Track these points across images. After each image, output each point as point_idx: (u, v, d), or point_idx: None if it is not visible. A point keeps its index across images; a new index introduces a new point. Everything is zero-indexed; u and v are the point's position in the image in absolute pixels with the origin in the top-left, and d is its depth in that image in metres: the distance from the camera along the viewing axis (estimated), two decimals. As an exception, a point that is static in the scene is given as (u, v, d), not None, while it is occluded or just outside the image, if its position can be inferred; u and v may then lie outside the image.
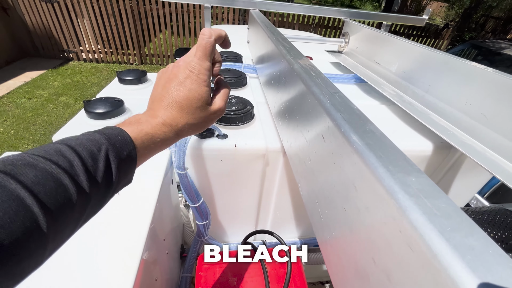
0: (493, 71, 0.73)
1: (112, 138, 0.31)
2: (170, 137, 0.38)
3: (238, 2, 1.41)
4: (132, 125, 0.35)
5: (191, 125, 0.39)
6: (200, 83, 0.38)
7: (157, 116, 0.37)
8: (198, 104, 0.38)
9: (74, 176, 0.26)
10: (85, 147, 0.29)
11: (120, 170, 0.32)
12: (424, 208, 0.22)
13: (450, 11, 16.81)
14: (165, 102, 0.38)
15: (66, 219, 0.25)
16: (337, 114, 0.36)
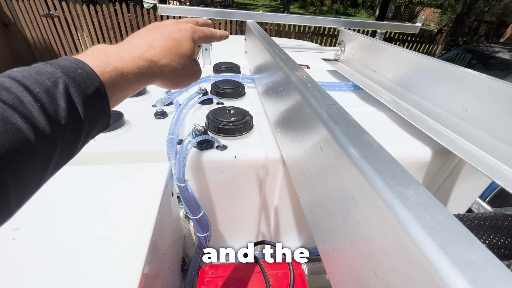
0: (487, 77, 0.74)
1: (70, 71, 0.25)
2: (145, 73, 0.33)
3: (235, 14, 1.44)
4: (96, 56, 0.29)
5: (173, 68, 0.36)
6: (192, 37, 0.39)
7: (134, 47, 0.33)
8: (186, 51, 0.38)
9: (27, 115, 0.21)
10: (35, 80, 0.23)
11: (89, 110, 0.27)
12: (423, 222, 0.22)
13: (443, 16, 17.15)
14: (150, 37, 0.35)
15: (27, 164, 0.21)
16: (335, 126, 0.36)
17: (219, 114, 0.82)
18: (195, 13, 1.39)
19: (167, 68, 0.36)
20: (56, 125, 0.23)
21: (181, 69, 0.38)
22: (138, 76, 0.32)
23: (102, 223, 0.61)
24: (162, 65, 0.35)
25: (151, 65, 0.33)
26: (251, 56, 1.41)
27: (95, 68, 0.28)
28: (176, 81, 0.39)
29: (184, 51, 0.38)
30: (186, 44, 0.38)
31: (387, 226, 0.25)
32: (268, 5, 26.47)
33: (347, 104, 1.13)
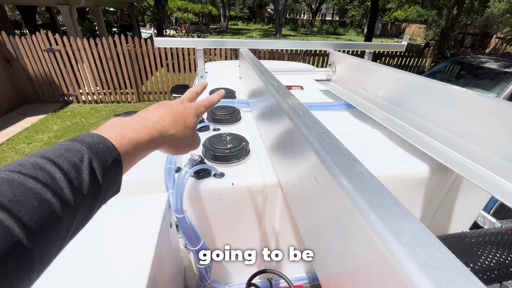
0: (474, 93, 0.76)
1: (94, 147, 0.30)
2: (155, 140, 0.37)
3: (228, 43, 1.50)
4: (115, 130, 0.33)
5: (177, 137, 0.42)
6: (195, 112, 0.46)
7: (147, 120, 0.38)
8: (190, 124, 0.44)
9: (57, 190, 0.25)
10: (65, 158, 0.27)
11: (107, 179, 0.30)
12: (419, 259, 0.21)
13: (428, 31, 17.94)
14: (161, 111, 0.41)
15: (52, 237, 0.24)
16: (326, 156, 0.37)
17: (216, 141, 0.83)
18: (189, 44, 1.45)
19: (173, 137, 0.41)
20: (79, 196, 0.27)
21: (184, 138, 0.44)
22: (149, 144, 0.37)
23: (98, 260, 0.60)
24: (169, 134, 0.40)
25: (160, 134, 0.39)
26: (245, 81, 1.45)
27: (114, 141, 0.32)
28: (178, 148, 0.44)
29: (189, 124, 0.44)
30: (190, 118, 0.45)
31: (383, 263, 0.24)
32: (261, 29, 27.69)
33: (341, 123, 1.15)
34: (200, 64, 1.54)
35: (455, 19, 9.51)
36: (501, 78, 3.79)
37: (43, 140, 4.24)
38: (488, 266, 0.54)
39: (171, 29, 18.65)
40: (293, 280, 0.98)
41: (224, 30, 23.35)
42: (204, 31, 19.86)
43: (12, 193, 0.22)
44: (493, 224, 1.11)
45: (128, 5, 9.87)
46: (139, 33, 11.13)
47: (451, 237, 0.62)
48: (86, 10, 12.15)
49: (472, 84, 4.08)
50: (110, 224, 0.68)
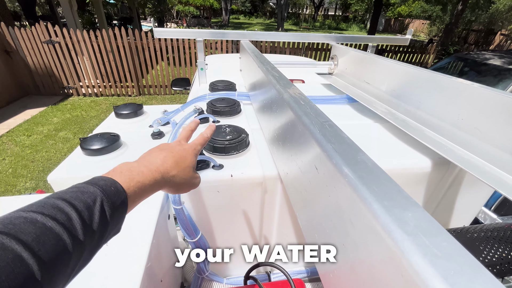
0: (480, 86, 0.75)
1: (106, 190, 0.33)
2: (158, 182, 0.41)
3: (229, 34, 1.48)
4: (124, 174, 0.37)
5: (178, 178, 0.45)
6: (194, 153, 0.50)
7: (151, 163, 0.41)
8: (189, 164, 0.48)
9: (72, 230, 0.27)
10: (81, 200, 0.30)
11: (113, 220, 0.33)
12: (424, 249, 0.20)
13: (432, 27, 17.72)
14: (163, 155, 0.44)
15: (61, 272, 0.26)
16: (328, 145, 0.35)
17: (215, 133, 0.82)
18: (190, 35, 1.42)
19: (175, 178, 0.44)
20: (89, 235, 0.29)
21: (185, 178, 0.47)
22: (153, 185, 0.40)
23: (95, 251, 0.59)
24: (171, 176, 0.44)
25: (163, 176, 0.42)
26: (246, 73, 1.43)
27: (123, 184, 0.35)
28: (179, 188, 0.47)
29: (188, 164, 0.48)
30: (189, 158, 0.48)
31: (386, 254, 0.23)
32: (262, 23, 27.40)
33: (343, 117, 1.14)
34: (201, 56, 1.51)
35: (460, 15, 9.37)
36: (504, 75, 3.74)
37: (43, 132, 4.23)
38: (490, 261, 0.53)
39: (172, 22, 18.46)
40: (292, 273, 0.98)
41: (226, 24, 23.11)
42: (206, 25, 19.66)
43: (34, 233, 0.25)
44: (494, 220, 1.10)
45: (128, -3, 9.75)
46: (140, 26, 11.03)
47: (452, 231, 0.61)
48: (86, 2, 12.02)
49: (475, 81, 4.01)
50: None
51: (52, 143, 3.95)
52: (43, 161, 3.52)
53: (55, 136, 4.15)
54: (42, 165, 3.45)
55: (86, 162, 0.93)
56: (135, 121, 1.23)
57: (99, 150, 1.05)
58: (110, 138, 1.10)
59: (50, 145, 3.89)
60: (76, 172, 0.84)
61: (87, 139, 1.08)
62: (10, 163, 3.45)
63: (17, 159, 3.52)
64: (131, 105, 1.29)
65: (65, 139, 4.10)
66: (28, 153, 3.68)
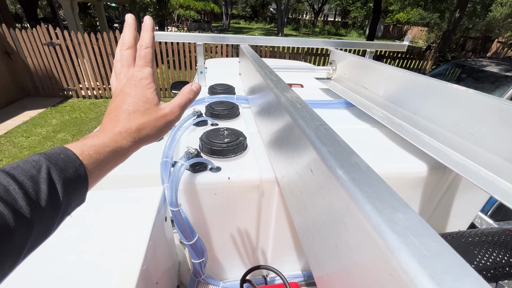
0: (475, 92, 0.76)
1: (53, 157, 0.29)
2: (123, 146, 0.35)
3: (229, 39, 1.49)
4: (77, 142, 0.33)
5: (144, 128, 0.38)
6: (143, 87, 0.40)
7: (105, 129, 0.36)
8: (146, 106, 0.39)
9: (10, 202, 0.24)
10: (22, 169, 0.27)
11: (69, 190, 0.29)
12: (413, 249, 0.21)
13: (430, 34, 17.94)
14: (112, 114, 0.38)
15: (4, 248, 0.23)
16: (323, 147, 0.36)
17: (213, 135, 0.82)
18: (190, 38, 1.44)
19: (143, 131, 0.38)
20: (36, 208, 0.26)
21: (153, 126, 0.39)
22: (115, 149, 0.34)
23: (89, 253, 0.59)
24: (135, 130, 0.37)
25: (123, 135, 0.36)
26: (245, 77, 1.44)
27: (75, 149, 0.31)
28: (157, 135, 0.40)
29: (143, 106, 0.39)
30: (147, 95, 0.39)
31: (377, 254, 0.23)
32: (263, 28, 27.66)
33: (341, 121, 1.14)
34: (200, 60, 1.53)
35: (457, 22, 9.50)
36: (502, 82, 3.78)
37: (42, 134, 4.22)
38: (485, 265, 0.53)
39: (173, 26, 18.61)
40: (288, 277, 0.98)
41: (226, 29, 23.30)
42: (206, 29, 19.82)
43: None
44: (490, 225, 1.10)
45: (130, 1, 9.84)
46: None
47: (447, 235, 0.61)
48: (88, 5, 12.10)
49: (473, 87, 4.04)
50: (103, 217, 0.67)
51: (50, 145, 3.94)
52: (41, 163, 3.51)
53: (53, 137, 4.15)
54: (40, 166, 3.44)
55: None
56: (134, 123, 1.24)
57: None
58: (109, 139, 1.10)
59: (48, 147, 3.88)
60: (73, 173, 0.84)
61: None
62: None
63: (14, 160, 3.51)
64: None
65: (64, 140, 4.09)
66: (26, 154, 3.66)
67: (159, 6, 12.54)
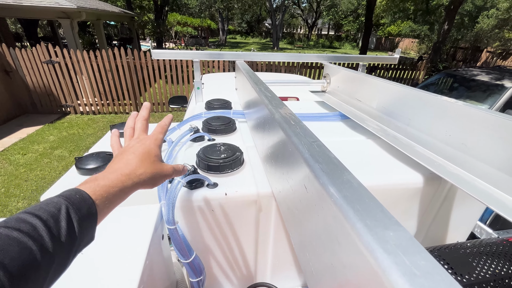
0: (463, 104, 0.78)
1: (70, 198, 0.33)
2: (127, 186, 0.41)
3: (225, 55, 1.53)
4: (89, 182, 0.38)
5: (147, 174, 0.45)
6: (156, 144, 0.50)
7: (116, 170, 0.42)
8: (154, 158, 0.48)
9: (38, 238, 0.27)
10: (45, 210, 0.30)
11: (82, 227, 0.33)
12: (404, 268, 0.21)
13: (421, 45, 18.48)
14: (125, 157, 0.45)
15: (31, 280, 0.26)
16: (315, 165, 0.37)
17: (209, 151, 0.83)
18: (186, 56, 1.48)
19: (144, 175, 0.44)
20: (57, 243, 0.29)
21: (154, 172, 0.47)
22: (122, 189, 0.40)
23: (84, 273, 0.58)
24: (139, 174, 0.44)
25: (130, 177, 0.42)
26: (241, 92, 1.47)
27: (88, 190, 0.36)
28: (153, 182, 0.47)
29: (153, 158, 0.48)
30: (153, 151, 0.48)
31: (370, 273, 0.24)
32: (258, 43, 28.34)
33: (336, 134, 1.16)
34: (197, 76, 1.56)
35: (446, 34, 9.83)
36: (493, 90, 3.87)
37: (39, 151, 4.20)
38: (484, 277, 0.53)
39: (171, 42, 19.02)
40: (289, 294, 0.96)
41: (223, 44, 23.86)
42: (203, 44, 20.29)
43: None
44: (490, 235, 1.10)
45: (128, 19, 10.11)
46: (139, 46, 11.34)
47: (445, 248, 0.61)
48: (87, 24, 12.40)
49: (465, 96, 4.16)
50: (98, 236, 0.66)
51: (47, 162, 3.91)
52: (37, 180, 3.47)
53: (50, 154, 4.13)
54: (36, 184, 3.40)
55: (81, 181, 0.93)
56: (132, 139, 1.24)
57: (94, 169, 1.05)
58: (106, 157, 1.10)
59: (45, 164, 3.85)
60: (70, 192, 0.83)
61: (83, 159, 1.09)
62: (3, 183, 3.39)
63: (10, 178, 3.47)
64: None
65: (61, 157, 4.07)
66: (22, 172, 3.63)
67: (157, 24, 12.87)
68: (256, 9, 27.76)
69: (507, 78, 3.92)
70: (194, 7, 20.67)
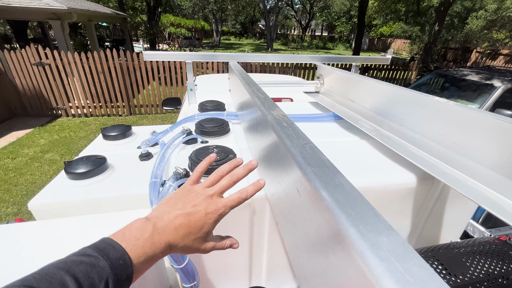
0: (455, 104, 0.78)
1: (115, 264, 0.33)
2: (165, 252, 0.39)
3: (218, 57, 1.52)
4: (139, 243, 0.36)
5: (185, 249, 0.42)
6: (216, 220, 0.43)
7: (164, 235, 0.39)
8: (202, 235, 0.42)
9: None
10: (88, 277, 0.30)
11: None
12: (397, 276, 0.20)
13: (413, 46, 18.78)
14: (179, 222, 0.40)
15: None
16: (308, 167, 0.36)
17: (202, 154, 0.82)
18: (178, 57, 1.46)
19: (182, 248, 0.41)
20: None
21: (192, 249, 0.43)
22: (160, 256, 0.38)
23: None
24: (179, 246, 0.40)
25: (171, 246, 0.40)
26: (234, 94, 1.46)
27: (133, 256, 0.35)
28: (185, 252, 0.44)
29: (201, 234, 0.42)
30: (205, 228, 0.42)
31: (363, 280, 0.23)
32: (253, 44, 28.39)
33: (330, 134, 1.16)
34: (190, 77, 1.54)
35: (437, 34, 10.00)
36: (483, 90, 3.95)
37: (29, 155, 4.11)
38: (478, 277, 0.53)
39: (164, 43, 18.90)
40: (284, 297, 0.95)
41: (217, 45, 23.82)
42: (197, 46, 20.21)
43: None
44: (482, 233, 1.11)
45: (121, 20, 10.00)
46: (132, 48, 11.23)
47: (439, 248, 0.61)
48: (79, 25, 12.23)
49: (456, 96, 4.23)
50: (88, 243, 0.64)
51: (37, 166, 3.83)
52: (27, 185, 3.40)
53: (41, 158, 4.04)
54: (26, 188, 3.32)
55: (71, 186, 0.91)
56: (123, 142, 1.22)
57: (84, 173, 1.03)
58: (96, 161, 1.07)
59: (36, 168, 3.77)
60: (59, 197, 0.81)
61: (72, 163, 1.06)
62: (-8, 188, 3.30)
63: (0, 183, 3.38)
64: (119, 126, 1.28)
65: (52, 161, 3.99)
66: (12, 176, 3.54)
67: (150, 25, 12.78)
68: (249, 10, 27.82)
69: (496, 78, 4.00)
70: (188, 8, 20.59)
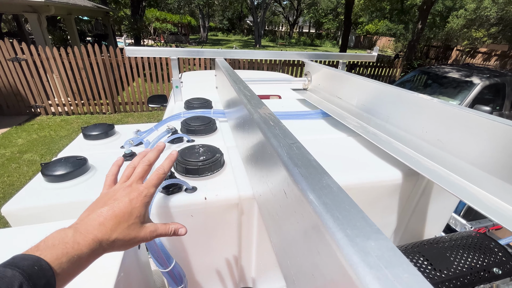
0: (438, 101, 0.80)
1: (27, 271, 0.29)
2: (96, 251, 0.36)
3: (204, 53, 1.48)
4: (56, 247, 0.33)
5: (121, 240, 0.39)
6: (143, 201, 0.42)
7: (89, 232, 0.36)
8: (135, 220, 0.40)
9: None
10: None
11: None
12: (386, 283, 0.20)
13: (397, 43, 19.24)
14: (103, 216, 0.38)
15: None
16: (294, 169, 0.35)
17: (187, 154, 0.79)
18: (163, 53, 1.41)
19: (117, 241, 0.38)
20: None
21: (130, 238, 0.40)
22: (90, 255, 0.35)
23: None
24: (112, 240, 0.37)
25: (101, 244, 0.36)
26: (221, 91, 1.43)
27: (52, 261, 0.31)
28: (125, 248, 0.41)
29: (133, 220, 0.40)
30: (136, 212, 0.41)
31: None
32: (240, 40, 28.14)
33: (318, 131, 1.16)
34: (175, 74, 1.50)
35: (420, 32, 10.28)
36: (463, 87, 4.10)
37: (5, 155, 3.90)
38: (461, 272, 0.54)
39: (150, 39, 18.38)
40: (274, 295, 0.94)
41: (204, 41, 23.43)
42: (184, 41, 19.79)
43: None
44: (464, 225, 1.15)
45: (103, 14, 9.62)
46: (115, 43, 10.85)
47: (424, 243, 0.62)
48: (58, 19, 11.67)
49: (438, 92, 4.37)
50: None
51: (15, 167, 3.64)
52: (4, 187, 3.22)
53: (19, 159, 3.84)
54: (3, 191, 3.15)
55: (48, 189, 0.86)
56: (106, 142, 1.17)
57: (62, 176, 0.97)
58: (76, 162, 1.02)
59: (13, 169, 3.59)
60: (35, 202, 0.77)
61: (49, 164, 1.00)
62: (-36, 191, 3.11)
63: (-27, 187, 3.19)
64: (101, 125, 1.23)
65: (31, 161, 3.80)
66: (-13, 179, 3.35)
67: (134, 19, 12.37)
68: (237, 6, 27.48)
69: (475, 75, 4.16)
70: (173, 2, 20.06)
